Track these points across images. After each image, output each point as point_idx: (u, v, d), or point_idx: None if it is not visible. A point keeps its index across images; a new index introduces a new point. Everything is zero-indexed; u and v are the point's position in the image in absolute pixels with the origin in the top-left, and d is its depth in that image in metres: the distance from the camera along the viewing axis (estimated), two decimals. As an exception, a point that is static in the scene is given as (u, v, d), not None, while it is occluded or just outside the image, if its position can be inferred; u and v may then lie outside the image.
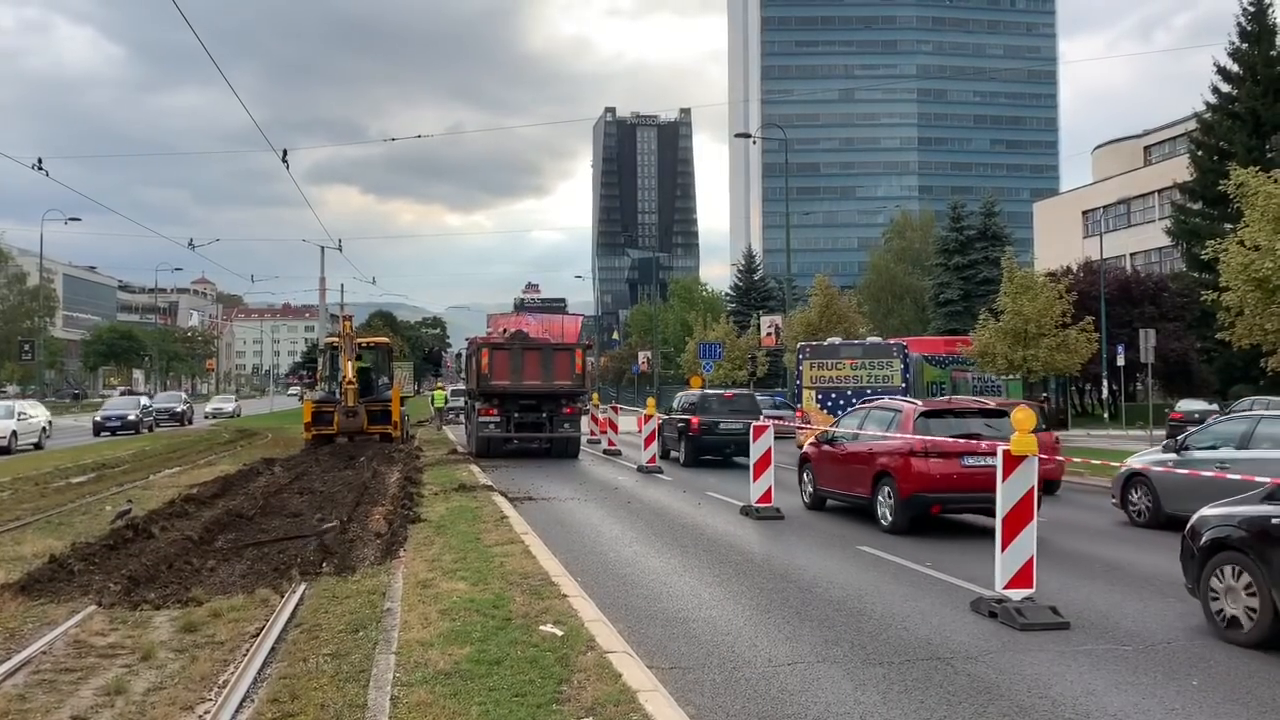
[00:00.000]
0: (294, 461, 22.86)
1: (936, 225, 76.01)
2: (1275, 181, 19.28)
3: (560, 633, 6.98)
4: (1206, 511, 8.05)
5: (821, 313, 41.17)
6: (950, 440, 12.81)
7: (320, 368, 32.68)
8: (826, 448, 15.20)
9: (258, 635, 7.10)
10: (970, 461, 12.53)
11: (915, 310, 72.52)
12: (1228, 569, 7.56)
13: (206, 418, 54.50)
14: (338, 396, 26.55)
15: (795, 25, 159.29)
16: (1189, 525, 8.21)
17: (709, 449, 23.03)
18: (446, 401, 47.16)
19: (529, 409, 24.33)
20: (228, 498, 15.70)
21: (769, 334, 51.17)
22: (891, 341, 29.61)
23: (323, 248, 53.80)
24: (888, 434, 13.52)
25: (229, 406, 61.37)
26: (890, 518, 13.10)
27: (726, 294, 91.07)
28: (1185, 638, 7.59)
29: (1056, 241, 64.60)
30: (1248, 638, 7.28)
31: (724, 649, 7.21)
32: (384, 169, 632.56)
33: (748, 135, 61.74)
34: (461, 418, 38.03)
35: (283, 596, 8.37)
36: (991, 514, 12.31)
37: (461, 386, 39.74)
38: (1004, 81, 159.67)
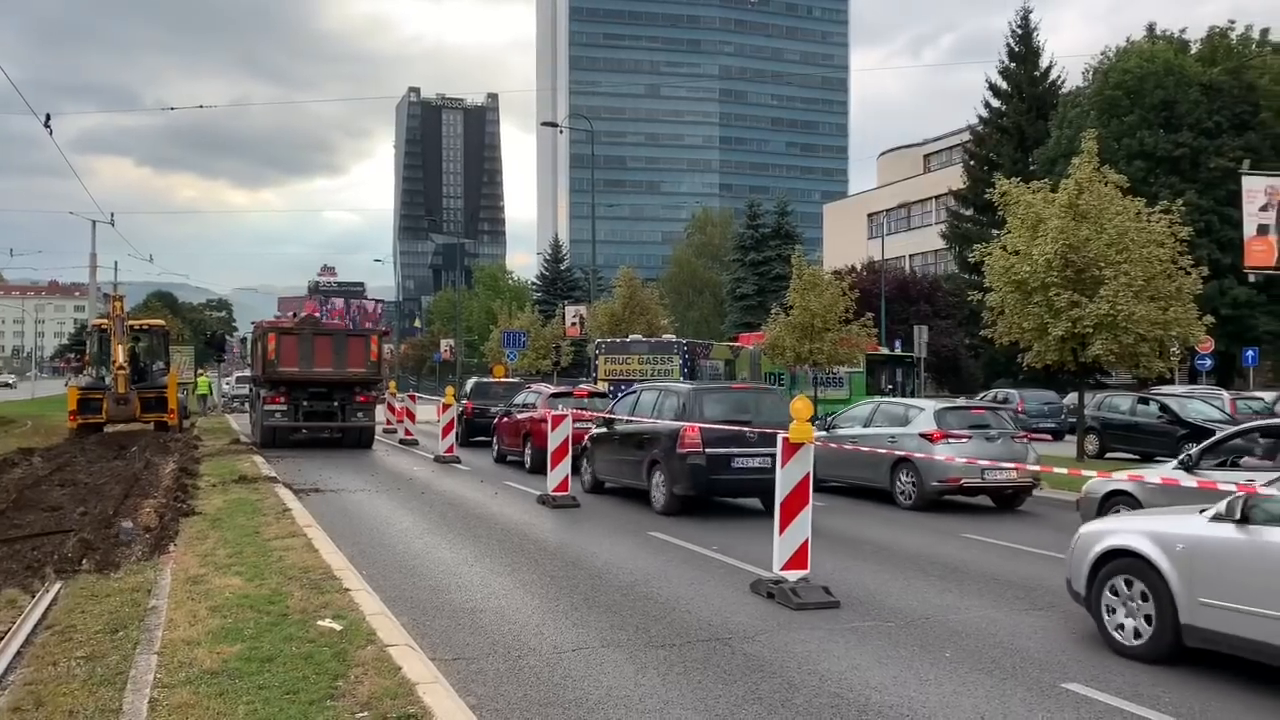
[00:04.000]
0: (56, 451, 21.12)
1: (735, 222, 78.48)
2: (1033, 192, 20.96)
3: (339, 627, 6.77)
4: None
5: (625, 304, 41.65)
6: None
7: (89, 351, 30.33)
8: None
9: (1, 639, 6.50)
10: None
11: (714, 303, 74.73)
12: None
13: (-46, 404, 49.45)
14: (108, 382, 24.71)
15: (603, 18, 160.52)
16: None
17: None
18: (211, 390, 44.89)
19: (320, 397, 23.41)
20: (-27, 492, 14.29)
21: (574, 324, 51.43)
22: (672, 340, 32.04)
23: (94, 222, 49.76)
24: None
25: None
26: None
27: (533, 283, 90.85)
28: (941, 614, 8.17)
29: (844, 242, 68.15)
30: None
31: (510, 638, 7.19)
32: (163, 141, 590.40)
33: (554, 124, 61.75)
34: (246, 406, 36.19)
35: (34, 596, 7.71)
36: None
37: (248, 373, 37.83)
38: (800, 86, 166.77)
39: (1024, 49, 49.06)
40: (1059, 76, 48.99)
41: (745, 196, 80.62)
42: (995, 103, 49.43)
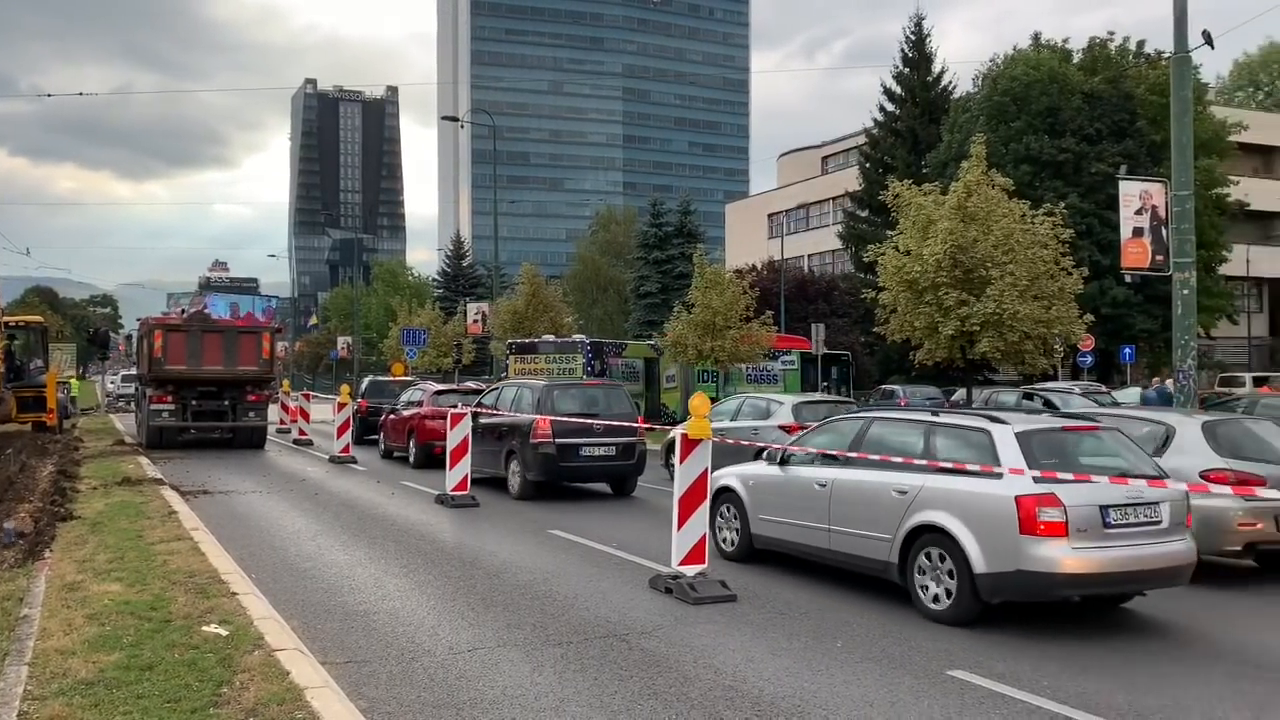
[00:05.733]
0: (-79, 455, 19.96)
1: (638, 221, 78.72)
2: (924, 194, 21.54)
3: (225, 632, 6.56)
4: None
5: (529, 301, 41.31)
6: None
7: (-42, 349, 28.72)
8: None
9: None
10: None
11: (618, 301, 74.75)
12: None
13: None
14: (-20, 382, 23.46)
15: (505, 13, 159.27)
16: None
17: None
18: (78, 391, 42.96)
19: (209, 396, 22.66)
20: None
21: (475, 321, 50.84)
22: (575, 339, 32.80)
23: (-38, 213, 47.12)
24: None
25: None
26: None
27: (434, 279, 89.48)
28: (834, 604, 8.34)
29: (745, 241, 69.02)
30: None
31: (404, 640, 7.08)
32: (39, 129, 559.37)
33: (455, 119, 60.88)
34: (133, 406, 34.81)
35: (-110, 609, 7.27)
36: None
37: (134, 371, 36.39)
38: (702, 87, 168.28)
39: (917, 55, 50.36)
40: (950, 82, 50.42)
41: (649, 195, 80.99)
42: (890, 107, 50.62)
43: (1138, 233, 17.45)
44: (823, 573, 9.33)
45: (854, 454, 8.79)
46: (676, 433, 8.78)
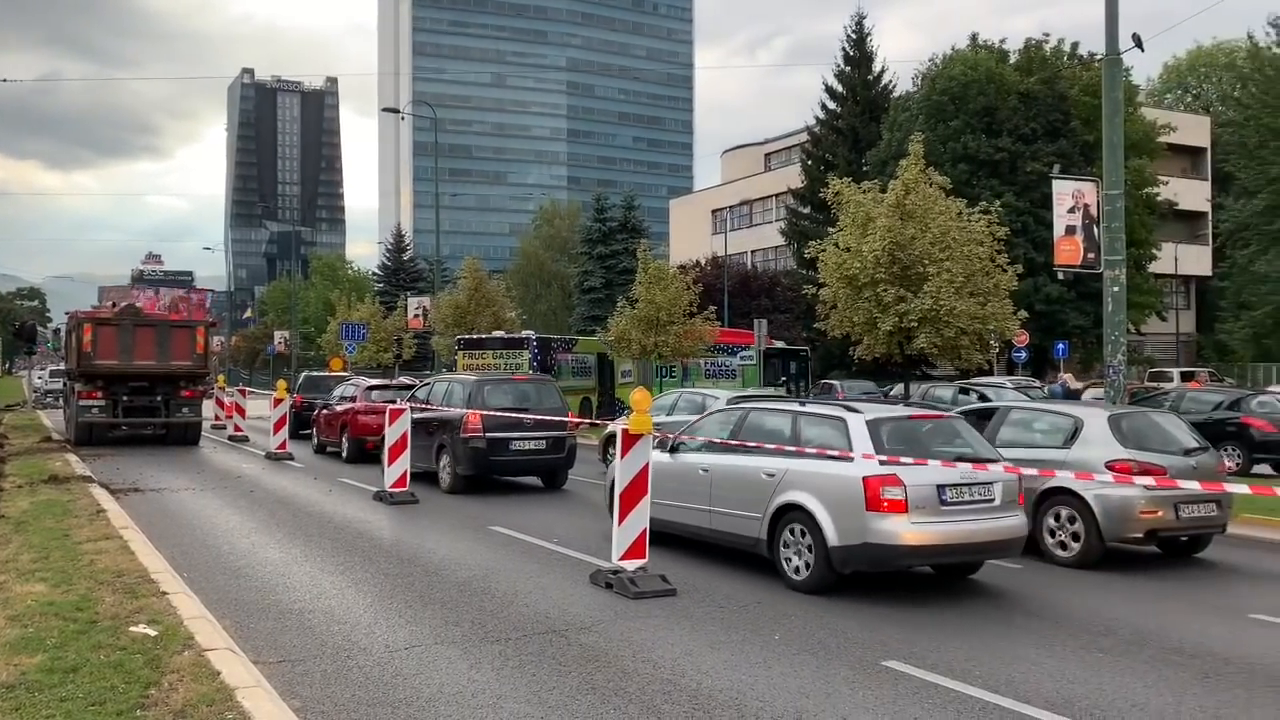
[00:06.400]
0: None
1: (582, 215, 78.53)
2: (864, 192, 21.79)
3: (154, 633, 6.41)
4: None
5: (471, 296, 40.94)
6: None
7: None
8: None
9: None
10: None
11: (562, 296, 74.51)
12: None
13: None
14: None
15: (448, 5, 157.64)
16: None
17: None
18: (5, 385, 41.72)
19: (141, 391, 22.13)
20: None
21: (416, 315, 50.27)
22: (523, 335, 32.95)
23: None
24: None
25: None
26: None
27: (374, 273, 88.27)
28: (771, 599, 8.40)
29: (689, 237, 69.22)
30: None
31: (340, 638, 6.99)
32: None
33: (396, 110, 60.29)
34: (61, 401, 33.89)
35: None
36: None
37: (63, 366, 35.44)
38: (646, 82, 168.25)
39: (858, 54, 50.87)
40: (890, 81, 51.00)
41: (593, 189, 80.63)
42: (831, 105, 51.08)
43: (1070, 231, 17.80)
44: (763, 567, 9.41)
45: (734, 441, 9.67)
46: (617, 427, 8.79)
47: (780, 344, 36.73)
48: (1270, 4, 60.58)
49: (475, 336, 33.75)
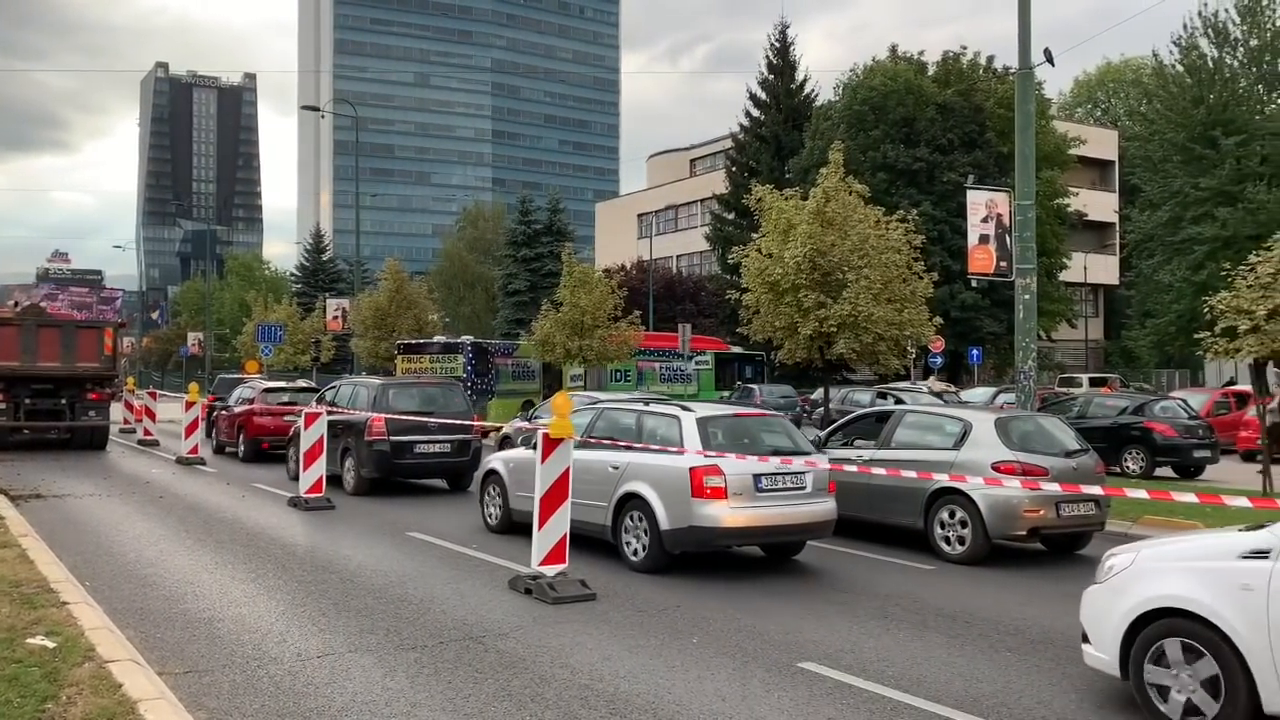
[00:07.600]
0: None
1: (507, 217, 78.07)
2: (786, 199, 22.04)
3: (53, 645, 6.17)
4: None
5: (391, 298, 40.39)
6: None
7: None
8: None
9: None
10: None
11: (486, 299, 73.91)
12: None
13: None
14: None
15: (370, 2, 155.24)
16: None
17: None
18: None
19: (45, 394, 21.35)
20: None
21: (335, 317, 49.37)
22: (459, 340, 33.24)
23: None
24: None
25: None
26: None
27: (292, 274, 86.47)
28: (690, 603, 8.44)
29: (615, 241, 69.36)
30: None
31: (250, 647, 6.82)
32: None
33: (315, 108, 58.79)
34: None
35: None
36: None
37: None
38: (573, 85, 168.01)
39: (781, 62, 51.56)
40: (813, 90, 51.83)
41: (518, 192, 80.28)
42: (755, 112, 51.65)
43: (984, 240, 18.27)
44: (681, 571, 9.45)
45: (591, 439, 10.44)
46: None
47: (737, 349, 37.09)
48: (1175, 24, 63.11)
49: (415, 341, 34.11)
